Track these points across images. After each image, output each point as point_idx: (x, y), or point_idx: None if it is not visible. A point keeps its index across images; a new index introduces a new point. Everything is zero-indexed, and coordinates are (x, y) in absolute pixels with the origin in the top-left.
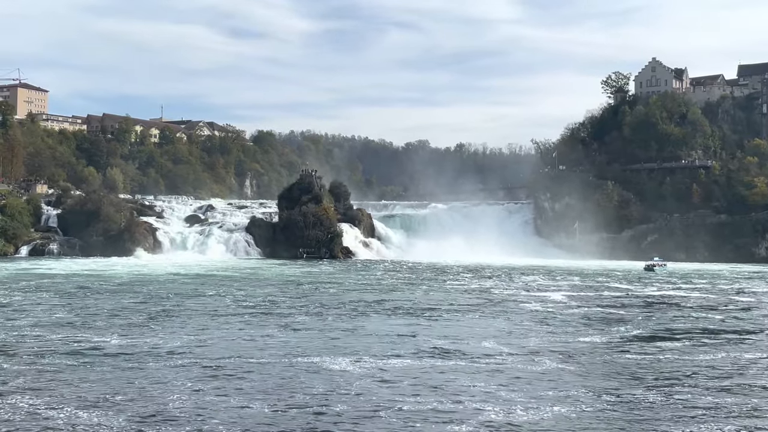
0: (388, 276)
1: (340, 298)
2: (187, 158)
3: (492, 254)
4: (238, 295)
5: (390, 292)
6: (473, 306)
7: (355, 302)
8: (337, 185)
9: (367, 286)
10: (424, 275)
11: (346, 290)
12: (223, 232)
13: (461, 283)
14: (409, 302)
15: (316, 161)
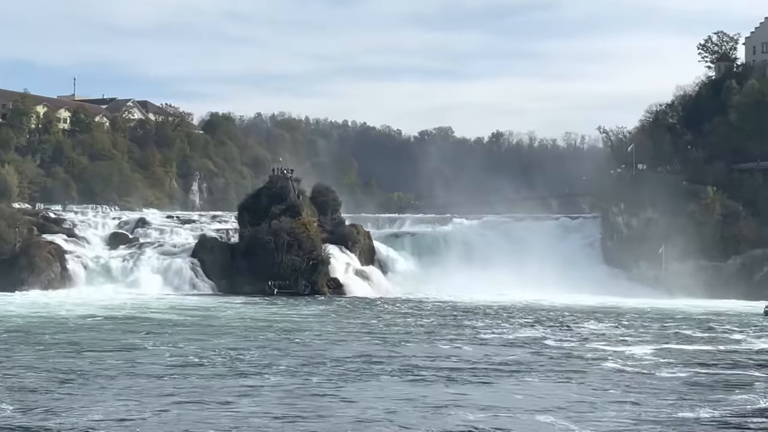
0: (395, 320)
1: (327, 353)
2: (110, 152)
3: (542, 290)
4: (182, 349)
5: (400, 345)
6: (521, 365)
7: (350, 359)
8: (323, 191)
9: (367, 335)
10: (447, 319)
11: (335, 342)
12: (161, 256)
13: (501, 332)
14: (429, 359)
15: (293, 157)
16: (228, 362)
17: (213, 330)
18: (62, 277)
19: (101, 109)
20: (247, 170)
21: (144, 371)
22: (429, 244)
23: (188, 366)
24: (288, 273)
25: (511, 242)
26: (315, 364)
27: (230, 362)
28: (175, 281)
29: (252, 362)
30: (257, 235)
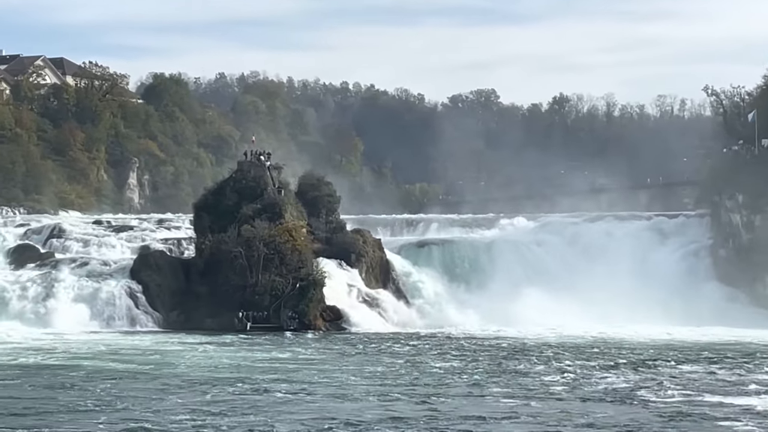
0: (423, 364)
1: (337, 416)
2: (12, 132)
3: (627, 319)
4: (114, 420)
5: (436, 401)
6: (619, 428)
7: (371, 426)
8: (314, 183)
9: (388, 387)
10: (495, 362)
11: (344, 399)
12: (86, 279)
13: (575, 380)
14: (482, 421)
15: (272, 135)
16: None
17: (159, 391)
18: None
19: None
20: (206, 154)
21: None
22: (465, 256)
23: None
24: (266, 300)
25: (581, 252)
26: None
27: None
28: (106, 313)
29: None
30: (222, 246)
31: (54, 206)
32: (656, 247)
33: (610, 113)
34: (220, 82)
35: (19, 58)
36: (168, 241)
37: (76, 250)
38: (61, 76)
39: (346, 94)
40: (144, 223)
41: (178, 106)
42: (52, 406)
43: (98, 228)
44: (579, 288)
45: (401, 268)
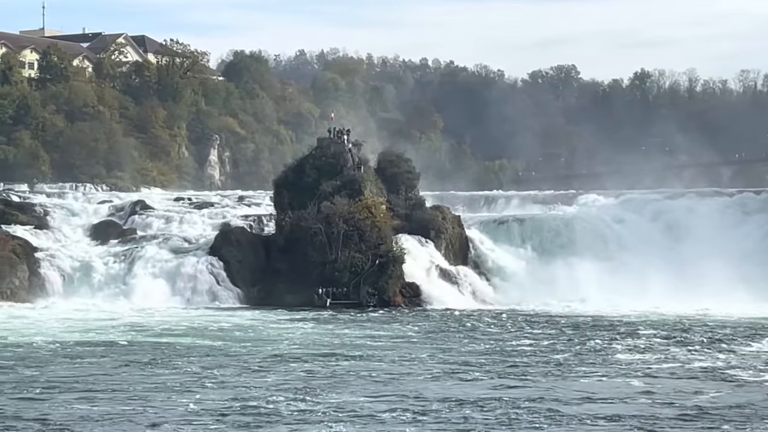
0: (506, 341)
1: (423, 397)
2: (95, 109)
3: (710, 297)
4: (210, 398)
5: (524, 380)
6: (726, 410)
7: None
8: (393, 159)
9: (472, 367)
10: (581, 339)
11: (430, 377)
12: (167, 255)
13: (666, 357)
14: (587, 402)
15: (351, 111)
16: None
17: (261, 364)
18: (31, 285)
19: (82, 48)
20: (286, 131)
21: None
22: (545, 233)
23: (210, 421)
24: (345, 277)
25: (663, 229)
26: (436, 408)
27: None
28: (188, 290)
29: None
30: (301, 223)
31: (136, 183)
32: (739, 225)
33: (692, 89)
34: (300, 59)
35: (102, 36)
36: (248, 218)
37: (157, 227)
38: (143, 54)
39: (425, 71)
40: (225, 200)
41: (258, 83)
42: (145, 383)
43: (179, 205)
44: (660, 265)
45: (481, 244)
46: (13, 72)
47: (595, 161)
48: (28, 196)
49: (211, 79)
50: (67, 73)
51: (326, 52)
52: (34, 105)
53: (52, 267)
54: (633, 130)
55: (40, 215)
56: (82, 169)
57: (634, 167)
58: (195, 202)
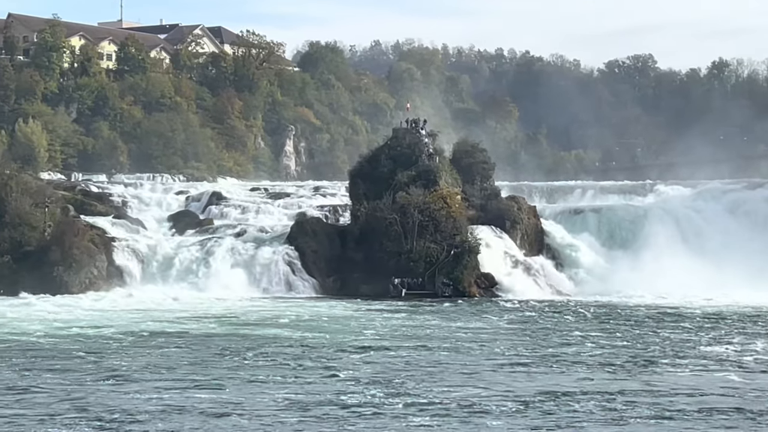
0: (587, 333)
1: (508, 390)
2: (173, 100)
3: None
4: (293, 386)
5: (610, 374)
6: None
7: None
8: (469, 150)
9: (555, 359)
10: (663, 332)
11: (512, 369)
12: (244, 245)
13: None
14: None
15: (427, 102)
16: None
17: (348, 354)
18: (109, 275)
19: (159, 40)
20: (362, 122)
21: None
22: (621, 223)
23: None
24: (421, 267)
25: (741, 219)
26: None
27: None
28: (264, 279)
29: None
30: (376, 213)
31: (212, 174)
32: None
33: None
34: (376, 49)
35: (179, 28)
36: (324, 208)
37: (234, 217)
38: (219, 45)
39: (500, 61)
40: (300, 190)
41: (333, 73)
42: (232, 374)
43: (256, 195)
44: (740, 256)
45: (556, 235)
46: (92, 63)
47: (672, 151)
48: (107, 186)
49: (286, 69)
50: (144, 64)
51: (402, 43)
52: (112, 96)
53: (130, 257)
54: (710, 120)
55: (118, 205)
56: (159, 159)
57: (711, 157)
58: (271, 192)
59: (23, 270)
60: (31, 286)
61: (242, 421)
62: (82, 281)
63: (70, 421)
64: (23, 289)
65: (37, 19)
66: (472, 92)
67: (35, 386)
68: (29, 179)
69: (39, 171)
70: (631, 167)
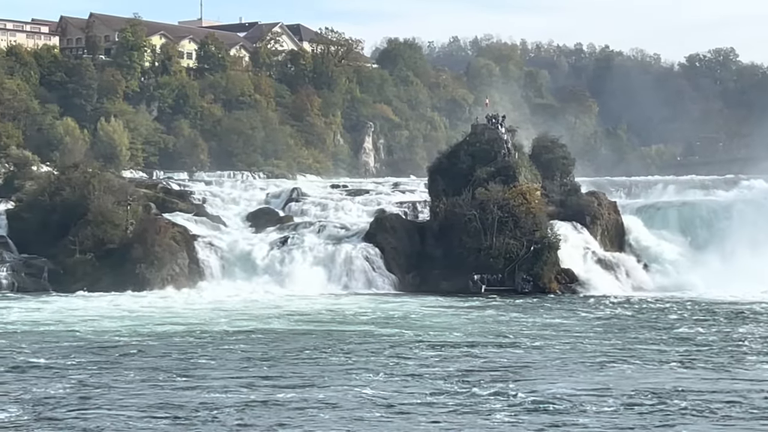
0: (672, 329)
1: (604, 387)
2: (252, 98)
3: None
4: (382, 383)
5: (703, 372)
6: None
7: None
8: (548, 145)
9: (641, 355)
10: (751, 329)
11: (600, 366)
12: (324, 242)
13: None
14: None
15: (506, 97)
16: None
17: (439, 351)
18: (191, 272)
19: (239, 38)
20: (440, 118)
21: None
22: (703, 218)
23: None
24: (500, 263)
25: None
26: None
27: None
28: (344, 276)
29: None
30: (456, 209)
31: (292, 171)
32: None
33: None
34: (454, 45)
35: (258, 26)
36: (403, 205)
37: (313, 214)
38: (298, 43)
39: (580, 56)
40: (379, 187)
41: (412, 70)
42: (318, 371)
43: (335, 192)
44: None
45: (637, 230)
46: (172, 62)
47: (755, 145)
48: (188, 184)
49: (365, 66)
50: (224, 62)
51: (480, 38)
52: (192, 94)
53: (211, 254)
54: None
55: (198, 203)
56: (239, 157)
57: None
58: (350, 189)
59: (106, 267)
60: (114, 283)
61: (323, 416)
62: (163, 278)
63: (150, 418)
64: (106, 286)
65: (119, 18)
66: (551, 87)
67: (116, 383)
68: (112, 177)
69: (121, 169)
70: (712, 162)
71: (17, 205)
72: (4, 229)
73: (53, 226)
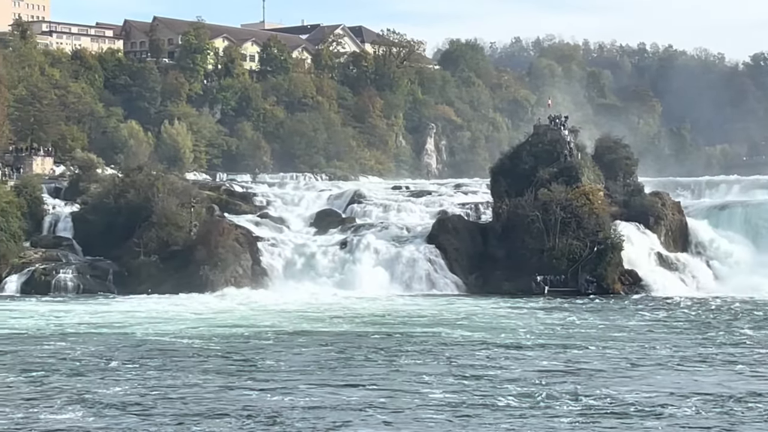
0: (741, 332)
1: (672, 391)
2: (314, 100)
3: None
4: (451, 386)
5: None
6: None
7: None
8: (611, 146)
9: (707, 359)
10: None
11: (669, 369)
12: (386, 243)
13: None
14: None
15: (568, 98)
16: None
17: (508, 352)
18: (254, 274)
19: (301, 40)
20: (502, 119)
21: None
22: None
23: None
24: (563, 264)
25: None
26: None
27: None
28: (406, 277)
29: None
30: (518, 210)
31: (354, 172)
32: None
33: None
34: (516, 46)
35: (320, 28)
36: (465, 206)
37: (376, 216)
38: (360, 44)
39: (642, 55)
40: (442, 188)
41: (474, 71)
42: (385, 373)
43: (397, 193)
44: None
45: (702, 231)
46: (235, 65)
47: None
48: (251, 186)
49: (427, 68)
50: (286, 64)
51: (542, 39)
52: (255, 97)
53: (274, 256)
54: None
55: (261, 205)
56: (302, 159)
57: None
58: (412, 190)
59: (170, 269)
60: (177, 285)
61: (389, 419)
62: (227, 280)
63: (213, 420)
64: (170, 287)
65: (182, 21)
66: (613, 87)
67: (179, 385)
68: (175, 180)
69: (185, 171)
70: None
71: (82, 208)
72: (70, 231)
73: (118, 229)
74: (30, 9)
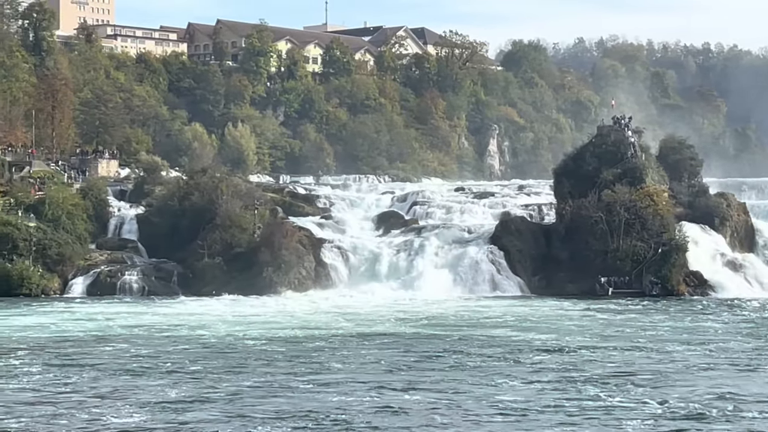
0: None
1: (737, 393)
2: (377, 102)
3: None
4: (502, 390)
5: None
6: None
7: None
8: (675, 146)
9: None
10: None
11: (746, 373)
12: (449, 245)
13: None
14: None
15: (632, 98)
16: None
17: (576, 354)
18: (317, 276)
19: (363, 42)
20: (566, 120)
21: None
22: None
23: None
24: (627, 265)
25: None
26: None
27: None
28: (469, 279)
29: None
30: (582, 211)
31: (417, 174)
32: None
33: None
34: (579, 46)
35: (382, 30)
36: (528, 207)
37: (438, 217)
38: (423, 46)
39: (707, 55)
40: (504, 189)
41: (536, 72)
42: (451, 376)
43: (460, 195)
44: None
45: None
46: (298, 67)
47: None
48: (313, 188)
49: (489, 69)
50: (349, 66)
51: (605, 39)
52: (318, 99)
53: (338, 257)
54: None
55: (324, 207)
56: (364, 160)
57: None
58: (475, 192)
59: (234, 271)
60: (242, 287)
61: (454, 422)
62: (291, 282)
63: (276, 422)
64: (234, 289)
65: (245, 24)
66: (677, 87)
67: (244, 387)
68: (239, 182)
69: (248, 173)
70: None
71: (147, 210)
72: (135, 233)
73: (182, 231)
74: (95, 13)
